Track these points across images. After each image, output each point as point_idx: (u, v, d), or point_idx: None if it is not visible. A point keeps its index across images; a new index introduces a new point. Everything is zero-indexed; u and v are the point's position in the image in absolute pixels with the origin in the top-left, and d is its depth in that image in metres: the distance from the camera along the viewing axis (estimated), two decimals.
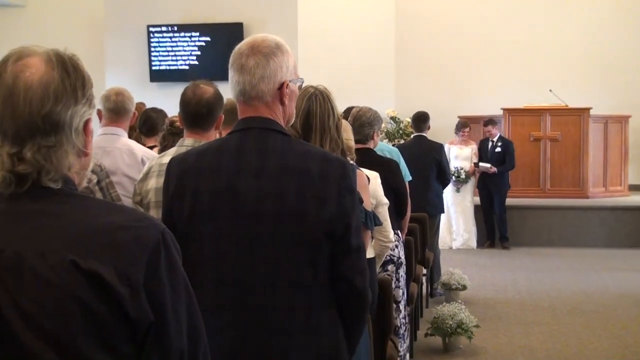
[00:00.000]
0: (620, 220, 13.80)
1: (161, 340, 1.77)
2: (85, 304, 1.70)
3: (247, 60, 2.68)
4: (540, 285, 10.64)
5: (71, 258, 1.70)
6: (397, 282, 5.75)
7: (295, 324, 2.66)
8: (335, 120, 3.41)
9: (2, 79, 1.77)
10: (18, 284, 1.71)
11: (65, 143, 1.78)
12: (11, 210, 1.78)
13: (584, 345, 7.78)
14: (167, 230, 1.83)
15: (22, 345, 1.69)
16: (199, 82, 4.16)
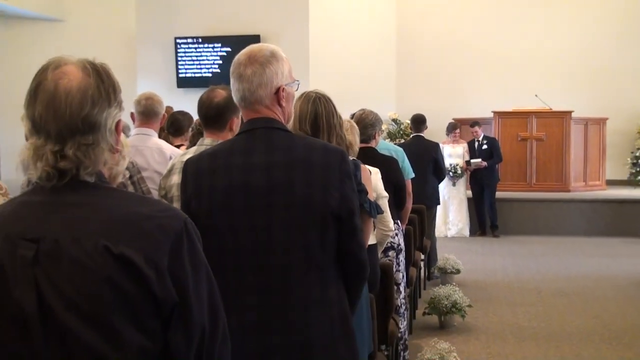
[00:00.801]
0: (599, 211, 13.80)
1: (184, 318, 1.78)
2: (117, 285, 1.71)
3: (245, 69, 2.70)
4: (527, 270, 10.65)
5: (104, 244, 1.71)
6: (398, 267, 5.76)
7: (311, 299, 2.68)
8: (338, 119, 3.41)
9: (43, 86, 1.79)
10: (57, 268, 1.72)
11: (101, 141, 1.81)
12: (52, 201, 1.79)
13: (566, 323, 7.78)
14: (189, 219, 1.85)
15: (62, 323, 1.71)
16: (215, 87, 4.15)
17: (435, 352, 5.58)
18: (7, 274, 1.74)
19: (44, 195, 1.80)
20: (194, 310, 1.79)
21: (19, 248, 1.74)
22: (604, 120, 15.23)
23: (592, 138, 15.01)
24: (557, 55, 16.03)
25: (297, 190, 2.64)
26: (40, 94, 1.79)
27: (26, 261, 1.73)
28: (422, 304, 7.96)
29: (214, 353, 1.85)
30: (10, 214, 1.85)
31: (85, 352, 1.71)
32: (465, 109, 15.12)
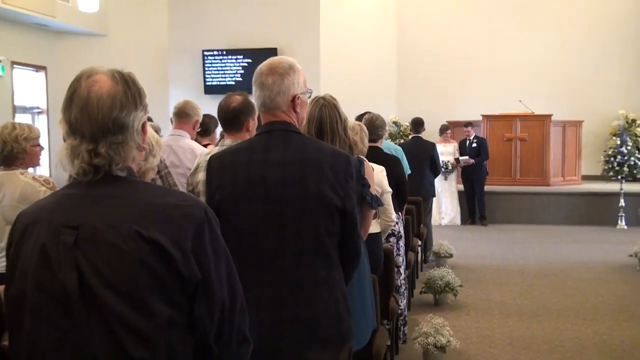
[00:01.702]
0: (575, 203, 13.80)
1: (207, 293, 1.81)
2: (148, 265, 1.74)
3: (266, 78, 2.73)
4: (511, 254, 10.65)
5: (135, 229, 1.74)
6: (398, 251, 5.77)
7: (319, 279, 2.71)
8: (342, 124, 3.41)
9: (78, 93, 1.82)
10: (95, 250, 1.75)
11: (129, 140, 1.84)
12: (89, 193, 1.82)
13: (546, 301, 7.79)
14: (209, 208, 1.88)
15: (100, 299, 1.73)
16: (231, 93, 4.18)
17: (430, 327, 5.59)
18: (52, 257, 1.77)
19: (81, 188, 1.84)
20: (215, 287, 1.82)
21: (62, 234, 1.77)
22: (579, 123, 15.24)
23: (569, 138, 15.02)
24: (538, 65, 16.00)
25: (309, 185, 2.66)
26: (75, 100, 1.82)
27: (68, 246, 1.76)
28: (419, 284, 7.97)
29: (233, 323, 1.87)
30: (53, 205, 1.88)
31: (121, 324, 1.73)
32: (458, 113, 15.11)
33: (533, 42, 16.05)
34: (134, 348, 1.72)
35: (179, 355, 1.79)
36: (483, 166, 13.29)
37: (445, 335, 5.52)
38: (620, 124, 15.21)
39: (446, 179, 12.99)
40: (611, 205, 13.33)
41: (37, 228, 1.81)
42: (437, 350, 5.52)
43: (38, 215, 1.85)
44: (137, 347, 1.72)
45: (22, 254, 1.83)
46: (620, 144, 14.08)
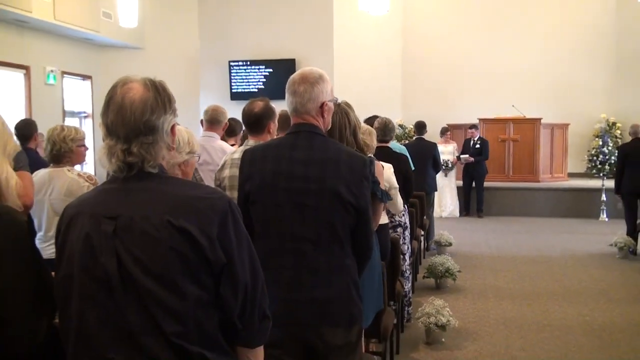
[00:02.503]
0: (561, 197, 13.76)
1: (231, 275, 1.83)
2: (179, 250, 1.76)
3: (298, 87, 2.74)
4: (505, 243, 10.61)
5: (167, 219, 1.77)
6: (404, 240, 5.78)
7: (333, 265, 2.71)
8: (351, 129, 3.40)
9: (114, 99, 1.84)
10: (131, 238, 1.77)
11: (159, 141, 1.86)
12: (124, 188, 1.85)
13: (535, 285, 7.76)
14: (232, 201, 1.89)
15: (137, 281, 1.76)
16: (254, 100, 4.17)
17: (432, 307, 5.58)
18: (94, 244, 1.79)
19: (118, 183, 1.86)
20: (238, 270, 1.84)
21: (102, 224, 1.79)
22: (566, 126, 15.18)
23: (557, 139, 14.96)
24: (529, 73, 15.96)
25: (327, 182, 2.66)
26: (112, 105, 1.84)
27: (108, 234, 1.78)
28: (422, 269, 7.96)
29: (255, 302, 1.89)
30: (94, 199, 1.90)
31: (155, 302, 1.75)
32: (457, 117, 15.09)
33: (525, 53, 16.00)
34: (167, 323, 1.75)
35: (206, 329, 1.81)
36: (483, 165, 13.26)
37: (445, 315, 5.52)
38: (602, 127, 15.21)
39: (446, 175, 13.00)
40: (594, 199, 13.28)
41: (81, 219, 1.83)
42: (438, 328, 5.52)
43: (82, 208, 1.87)
44: (170, 322, 1.75)
45: (68, 242, 1.85)
46: (602, 144, 14.12)
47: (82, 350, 1.79)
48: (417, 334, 5.80)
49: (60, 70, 13.72)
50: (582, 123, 15.48)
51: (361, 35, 14.98)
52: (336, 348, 2.69)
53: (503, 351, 5.50)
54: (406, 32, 16.54)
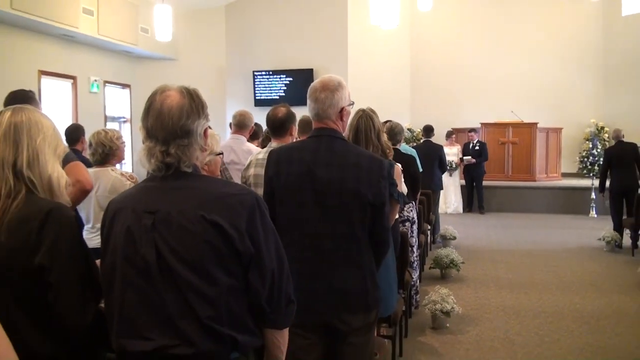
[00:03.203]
0: (556, 195, 13.68)
1: (259, 264, 1.84)
2: (211, 242, 1.78)
3: (320, 94, 2.72)
4: (504, 237, 10.56)
5: (201, 213, 1.78)
6: (412, 234, 5.76)
7: (351, 261, 2.69)
8: (376, 132, 3.39)
9: (153, 105, 1.85)
10: (169, 231, 1.79)
11: (194, 143, 1.87)
12: (162, 186, 1.86)
13: (531, 276, 7.72)
14: (259, 197, 1.90)
15: (173, 270, 1.77)
16: (277, 106, 4.18)
17: (438, 295, 5.57)
18: (135, 236, 1.81)
19: (156, 181, 1.88)
20: (265, 259, 1.85)
21: (142, 218, 1.81)
22: (560, 130, 15.10)
23: (552, 142, 14.87)
24: (527, 82, 15.84)
25: (348, 183, 2.64)
26: (151, 110, 1.85)
27: (147, 227, 1.80)
28: (428, 261, 7.93)
29: (281, 288, 1.91)
30: (135, 195, 1.92)
31: (190, 289, 1.76)
32: (461, 121, 15.00)
33: (522, 64, 15.90)
34: (200, 308, 1.76)
35: (236, 313, 1.82)
36: (482, 166, 13.20)
37: (449, 302, 5.51)
38: (592, 131, 15.10)
39: (451, 175, 12.95)
40: (584, 197, 13.19)
41: (124, 213, 1.85)
42: (443, 314, 5.51)
43: (124, 203, 1.88)
44: (203, 307, 1.76)
45: (112, 234, 1.86)
46: (592, 147, 14.04)
47: (124, 330, 1.81)
48: (424, 319, 5.79)
49: (103, 79, 13.80)
50: (574, 127, 15.37)
51: (373, 47, 14.95)
52: (355, 329, 2.70)
53: (502, 335, 5.48)
54: (414, 44, 16.48)
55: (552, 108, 15.49)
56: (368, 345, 2.79)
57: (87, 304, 1.93)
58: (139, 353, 1.78)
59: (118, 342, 1.82)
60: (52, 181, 2.03)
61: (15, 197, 1.94)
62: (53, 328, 1.89)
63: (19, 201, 1.94)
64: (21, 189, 1.96)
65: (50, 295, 1.87)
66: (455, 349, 5.17)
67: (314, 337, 2.71)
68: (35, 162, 2.00)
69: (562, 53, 15.76)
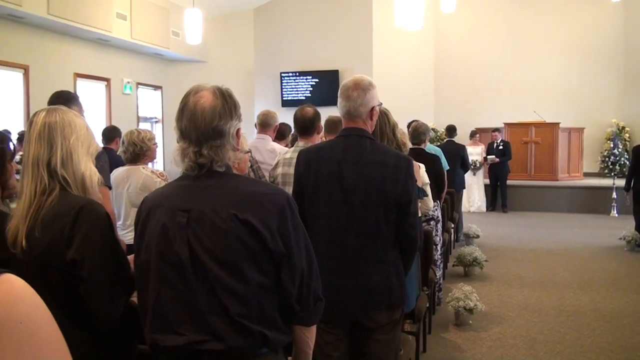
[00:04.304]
0: (578, 195, 13.50)
1: (289, 263, 1.83)
2: (243, 241, 1.76)
3: (352, 92, 2.70)
4: (526, 236, 10.45)
5: (233, 212, 1.76)
6: (436, 232, 5.73)
7: (376, 257, 2.69)
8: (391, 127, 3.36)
9: (187, 106, 1.84)
10: (202, 229, 1.78)
11: (226, 144, 1.85)
12: (195, 185, 1.85)
13: (553, 275, 7.62)
14: (290, 196, 1.88)
15: (206, 267, 1.76)
16: (303, 106, 4.18)
17: (461, 293, 5.53)
18: (170, 233, 1.80)
19: (190, 180, 1.86)
20: (295, 259, 1.83)
21: (177, 216, 1.80)
22: (581, 130, 14.90)
23: (574, 142, 14.69)
24: (549, 83, 15.68)
25: (374, 181, 2.63)
26: (185, 111, 1.84)
27: (181, 225, 1.79)
28: (452, 258, 7.88)
29: (310, 286, 1.89)
30: (169, 193, 1.91)
31: (222, 286, 1.75)
32: (484, 121, 14.89)
33: (544, 65, 15.74)
34: (231, 305, 1.75)
35: (266, 311, 1.81)
36: (506, 165, 13.09)
37: (473, 300, 5.47)
38: (613, 131, 14.89)
39: (474, 174, 12.84)
40: (605, 197, 12.97)
41: (159, 211, 1.85)
42: (466, 311, 5.48)
43: (159, 201, 1.88)
44: (234, 304, 1.76)
45: (147, 230, 1.86)
46: (613, 146, 13.82)
47: (157, 325, 1.81)
48: (447, 316, 5.76)
49: (136, 81, 13.96)
50: (596, 127, 15.18)
51: (398, 48, 14.88)
52: (381, 325, 2.69)
53: (524, 333, 5.42)
54: (438, 45, 16.38)
55: (574, 108, 15.32)
56: (394, 342, 2.78)
57: (118, 298, 1.95)
58: (171, 348, 1.78)
59: (151, 336, 1.83)
60: (85, 179, 2.06)
61: (49, 194, 1.97)
62: (85, 321, 1.91)
63: (53, 198, 1.97)
64: (55, 186, 1.99)
65: (82, 288, 1.89)
66: (478, 345, 5.13)
67: (341, 333, 2.71)
68: (68, 161, 2.02)
69: (584, 53, 15.57)
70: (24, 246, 1.90)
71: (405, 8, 10.70)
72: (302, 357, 2.02)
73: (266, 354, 1.82)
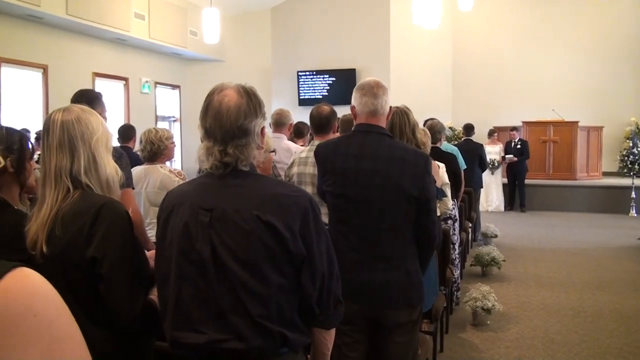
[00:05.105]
0: (597, 194, 13.36)
1: (311, 266, 1.81)
2: (265, 242, 1.75)
3: (377, 90, 2.73)
4: (545, 235, 10.36)
5: (255, 213, 1.75)
6: (454, 231, 5.71)
7: (394, 252, 2.69)
8: (411, 127, 3.37)
9: (212, 104, 1.83)
10: (224, 228, 1.77)
11: (251, 142, 1.84)
12: (219, 184, 1.84)
13: (572, 274, 7.57)
14: (312, 198, 1.86)
15: (227, 267, 1.76)
16: (319, 104, 4.19)
17: (479, 293, 5.51)
18: (192, 232, 1.80)
19: (214, 179, 1.85)
20: (317, 261, 1.82)
21: (199, 215, 1.80)
22: (600, 128, 14.75)
23: (592, 141, 14.54)
24: (568, 81, 15.52)
25: (392, 178, 2.63)
26: (210, 110, 1.83)
27: (204, 224, 1.78)
28: (469, 258, 7.84)
29: (330, 290, 1.88)
30: (192, 191, 1.90)
31: (243, 287, 1.75)
32: (502, 120, 14.79)
33: (563, 62, 15.60)
34: (252, 305, 1.75)
35: (286, 312, 1.81)
36: (524, 164, 13.00)
37: (490, 300, 5.45)
38: (633, 129, 14.72)
39: (493, 173, 12.77)
40: (625, 196, 12.86)
41: (182, 209, 1.84)
42: (484, 311, 5.45)
43: (182, 199, 1.87)
44: (255, 305, 1.75)
45: (169, 228, 1.86)
46: (632, 145, 13.66)
47: (177, 322, 1.81)
48: (465, 316, 5.74)
49: (154, 80, 14.05)
50: (615, 126, 15.00)
51: (415, 46, 14.83)
52: (400, 324, 2.69)
53: (542, 334, 5.39)
54: (455, 43, 16.30)
55: (592, 106, 15.17)
56: (412, 343, 2.77)
57: (137, 295, 1.94)
58: (191, 345, 1.79)
59: (172, 333, 1.83)
60: (109, 180, 2.07)
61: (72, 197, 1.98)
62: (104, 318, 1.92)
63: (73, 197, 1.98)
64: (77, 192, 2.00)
65: (102, 286, 1.90)
66: (496, 346, 5.11)
67: (359, 334, 2.71)
68: (92, 167, 2.03)
69: (603, 51, 15.41)
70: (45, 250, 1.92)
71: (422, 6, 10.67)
72: (321, 358, 2.02)
73: (286, 354, 1.82)
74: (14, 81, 10.07)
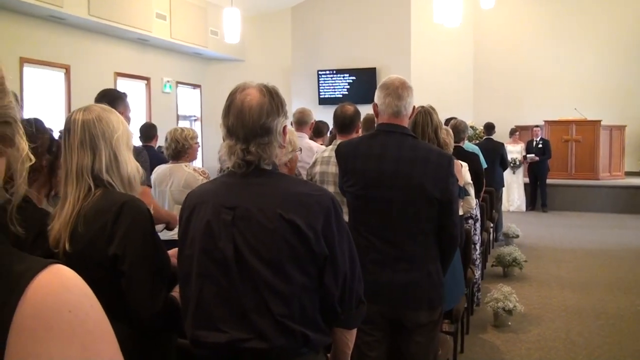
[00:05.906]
0: (619, 194, 13.21)
1: (333, 266, 1.81)
2: (288, 241, 1.75)
3: (402, 92, 2.71)
4: (567, 236, 10.27)
5: (279, 212, 1.76)
6: (475, 231, 5.68)
7: (416, 254, 2.68)
8: (433, 127, 3.36)
9: (234, 103, 1.83)
10: (247, 227, 1.78)
11: (273, 141, 1.84)
12: (242, 182, 1.85)
13: (594, 276, 7.49)
14: (335, 197, 1.86)
15: (250, 266, 1.76)
16: (343, 104, 4.19)
17: (500, 293, 5.48)
18: (214, 230, 1.80)
19: (236, 178, 1.86)
20: (339, 261, 1.82)
21: (222, 213, 1.80)
22: (623, 127, 14.55)
23: (615, 140, 14.36)
24: (590, 80, 15.32)
25: (414, 178, 2.62)
26: (232, 109, 1.83)
27: (227, 222, 1.79)
28: (491, 258, 7.76)
29: (353, 289, 1.88)
30: (214, 190, 1.91)
31: (265, 285, 1.75)
32: (524, 119, 14.69)
33: (586, 60, 15.40)
34: (274, 304, 1.75)
35: (308, 312, 1.81)
36: (546, 163, 12.88)
37: (512, 301, 5.41)
38: None
39: (514, 173, 12.69)
40: None
41: (204, 207, 1.84)
42: (505, 312, 5.42)
43: (204, 197, 1.88)
44: (277, 304, 1.75)
45: (191, 227, 1.87)
46: None
47: (199, 321, 1.82)
48: (486, 317, 5.71)
49: (175, 80, 14.14)
50: (638, 125, 14.80)
51: (436, 45, 14.75)
52: (421, 325, 2.68)
53: (563, 336, 5.34)
54: (477, 42, 16.17)
55: (615, 105, 14.97)
56: (433, 344, 2.77)
57: (158, 292, 1.95)
58: (212, 344, 1.79)
59: (193, 332, 1.84)
60: (130, 178, 2.09)
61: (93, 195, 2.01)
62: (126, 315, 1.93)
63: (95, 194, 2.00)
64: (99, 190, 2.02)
65: (123, 283, 1.92)
66: (517, 347, 5.07)
67: (379, 334, 2.71)
68: (113, 166, 2.04)
69: (626, 50, 15.20)
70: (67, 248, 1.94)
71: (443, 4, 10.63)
72: (342, 357, 2.02)
73: (307, 354, 1.82)
74: (36, 81, 10.19)
